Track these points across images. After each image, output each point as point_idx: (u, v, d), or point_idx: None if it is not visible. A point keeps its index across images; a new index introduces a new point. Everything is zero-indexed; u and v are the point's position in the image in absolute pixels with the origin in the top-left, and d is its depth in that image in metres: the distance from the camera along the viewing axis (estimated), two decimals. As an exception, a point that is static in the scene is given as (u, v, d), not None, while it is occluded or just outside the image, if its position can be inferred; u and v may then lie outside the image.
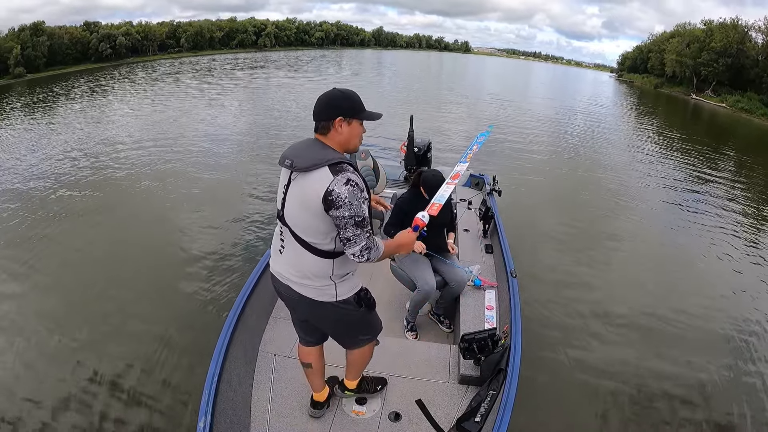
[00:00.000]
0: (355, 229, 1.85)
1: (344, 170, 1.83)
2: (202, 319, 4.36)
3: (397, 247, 2.17)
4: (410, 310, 3.55)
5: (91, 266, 5.51)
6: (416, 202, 3.20)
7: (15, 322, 4.41)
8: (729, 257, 6.55)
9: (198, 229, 6.42)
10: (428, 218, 2.31)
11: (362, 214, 1.84)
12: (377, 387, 2.77)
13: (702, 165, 12.62)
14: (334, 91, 1.94)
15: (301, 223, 1.94)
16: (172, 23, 69.41)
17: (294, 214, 1.96)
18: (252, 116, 16.52)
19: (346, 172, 1.83)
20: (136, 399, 3.43)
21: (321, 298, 2.06)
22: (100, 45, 52.04)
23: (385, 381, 2.83)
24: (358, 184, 1.83)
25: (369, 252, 1.91)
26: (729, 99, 34.78)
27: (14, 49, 38.28)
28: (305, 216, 1.91)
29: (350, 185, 1.80)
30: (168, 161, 10.00)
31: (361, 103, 1.94)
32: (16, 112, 17.96)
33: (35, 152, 10.89)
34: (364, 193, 1.86)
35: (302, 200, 1.89)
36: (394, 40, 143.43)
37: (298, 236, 1.97)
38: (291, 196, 1.95)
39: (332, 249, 1.97)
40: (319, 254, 1.96)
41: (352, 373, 2.63)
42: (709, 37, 40.23)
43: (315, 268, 2.00)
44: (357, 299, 2.14)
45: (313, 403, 2.60)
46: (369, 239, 1.90)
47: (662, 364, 4.07)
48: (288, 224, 1.99)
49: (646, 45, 59.75)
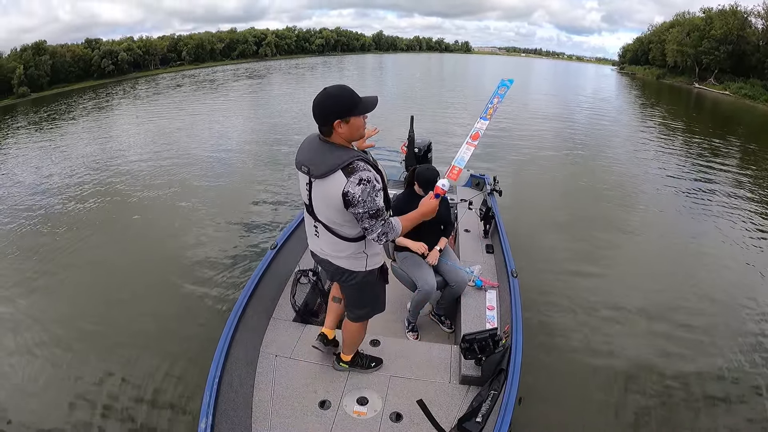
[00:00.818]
0: (371, 220, 2.08)
1: (356, 170, 2.01)
2: (202, 320, 4.41)
3: (421, 216, 2.33)
4: (411, 311, 3.56)
5: (94, 270, 5.63)
6: (412, 201, 3.22)
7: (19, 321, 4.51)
8: (738, 247, 6.52)
9: (199, 231, 6.51)
10: (448, 185, 2.37)
11: (375, 207, 2.05)
12: (371, 364, 2.95)
13: (707, 153, 12.54)
14: (324, 94, 2.02)
15: (330, 218, 2.20)
16: (172, 37, 69.84)
17: (322, 211, 2.21)
18: (255, 124, 16.62)
19: (358, 171, 2.01)
20: (137, 400, 3.47)
21: (354, 268, 2.39)
22: (102, 61, 52.47)
23: (380, 360, 2.97)
24: (370, 180, 2.00)
25: (386, 236, 2.16)
26: (732, 86, 34.57)
27: (17, 69, 38.67)
28: (331, 213, 2.15)
29: (362, 185, 1.98)
30: (172, 171, 10.09)
31: (353, 100, 2.02)
32: (22, 131, 18.16)
33: (41, 167, 11.04)
34: (377, 187, 2.03)
35: (326, 201, 2.12)
36: (395, 43, 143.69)
37: (329, 227, 2.24)
38: (315, 196, 2.19)
39: (361, 234, 2.25)
40: (349, 240, 2.27)
41: (347, 347, 2.87)
42: (709, 25, 39.95)
43: (348, 249, 2.31)
44: (380, 271, 2.48)
45: (321, 336, 2.95)
46: (384, 225, 2.13)
47: (666, 365, 4.03)
48: (319, 219, 2.25)
49: (646, 36, 59.50)
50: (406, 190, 3.56)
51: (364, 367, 2.92)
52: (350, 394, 2.75)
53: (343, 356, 2.90)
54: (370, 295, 2.57)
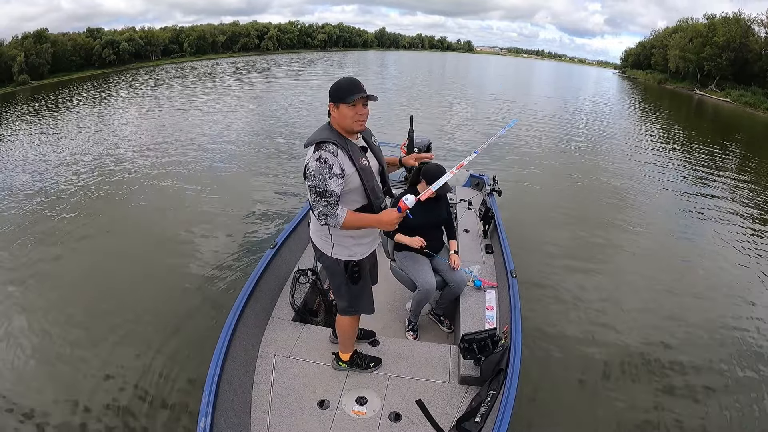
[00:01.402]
0: (315, 197, 2.20)
1: (322, 148, 2.19)
2: (201, 320, 4.39)
3: (377, 223, 2.33)
4: (412, 310, 3.55)
5: (92, 265, 5.59)
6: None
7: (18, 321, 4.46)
8: (736, 251, 6.54)
9: (199, 230, 6.46)
10: (413, 202, 2.31)
11: (322, 186, 2.16)
12: (370, 364, 2.95)
13: (706, 160, 12.57)
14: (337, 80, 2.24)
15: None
16: (174, 28, 69.75)
17: None
18: (257, 118, 16.60)
19: (323, 150, 2.18)
20: (136, 399, 3.45)
21: (322, 249, 2.52)
22: (103, 51, 52.30)
23: (379, 360, 2.97)
24: (327, 161, 2.15)
25: (325, 218, 2.22)
26: (733, 93, 34.54)
27: (18, 57, 38.51)
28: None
29: (319, 162, 2.15)
30: (170, 163, 10.08)
31: (346, 89, 2.18)
32: (21, 119, 18.08)
33: (43, 157, 10.98)
34: (333, 170, 2.16)
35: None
36: (397, 40, 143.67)
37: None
38: None
39: None
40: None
41: (341, 343, 2.91)
42: (712, 31, 39.96)
43: (316, 225, 2.45)
44: (345, 266, 2.50)
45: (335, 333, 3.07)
46: (326, 207, 2.20)
47: (666, 365, 4.05)
48: None
49: (648, 41, 59.55)
50: (409, 189, 3.51)
51: (363, 367, 2.92)
52: (349, 394, 2.75)
53: (341, 355, 2.91)
54: (344, 288, 2.59)
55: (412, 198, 2.31)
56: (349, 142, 2.27)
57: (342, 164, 2.19)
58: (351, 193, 2.30)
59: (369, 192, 2.31)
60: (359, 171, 2.25)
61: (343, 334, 2.84)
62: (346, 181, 2.23)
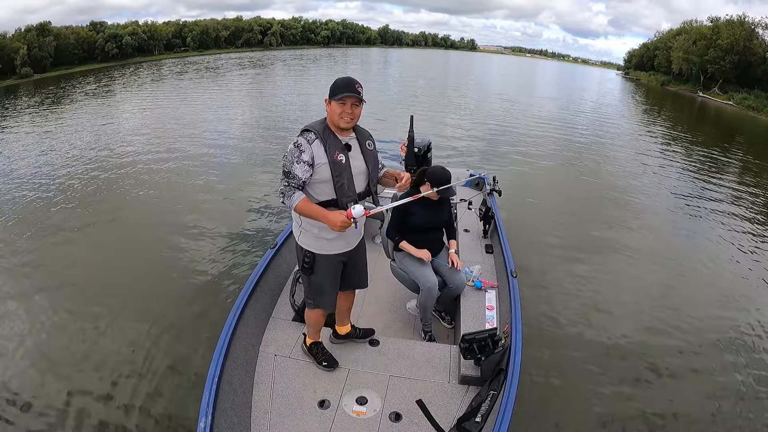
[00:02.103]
0: (282, 175, 2.36)
1: (301, 134, 2.36)
2: (201, 319, 4.38)
3: (324, 218, 2.34)
4: (422, 315, 3.48)
5: (91, 264, 5.56)
6: (416, 204, 3.17)
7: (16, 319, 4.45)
8: (735, 255, 6.53)
9: (199, 229, 6.44)
10: (360, 212, 2.30)
11: (288, 167, 2.31)
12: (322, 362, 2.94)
13: (708, 164, 12.54)
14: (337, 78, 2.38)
15: None
16: (177, 23, 69.72)
17: None
18: (260, 114, 16.63)
19: (302, 136, 2.35)
20: (136, 399, 3.44)
21: (294, 231, 2.65)
22: (106, 45, 52.33)
23: (335, 364, 2.96)
24: (299, 146, 2.31)
25: (283, 196, 2.36)
26: (736, 97, 34.45)
27: (21, 50, 38.49)
28: None
29: (293, 145, 2.33)
30: (172, 160, 10.07)
31: (338, 87, 2.30)
32: (24, 112, 18.09)
33: (43, 150, 11.00)
34: (302, 156, 2.29)
35: None
36: (400, 38, 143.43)
37: None
38: None
39: None
40: None
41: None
42: (716, 34, 39.84)
43: None
44: (303, 254, 2.59)
45: (335, 333, 3.18)
46: (286, 188, 2.34)
47: (666, 365, 4.06)
48: None
49: (652, 42, 59.39)
50: (411, 191, 3.42)
51: (317, 361, 2.95)
52: (349, 394, 2.75)
53: (307, 339, 3.02)
54: (303, 277, 2.71)
55: (359, 208, 2.31)
56: (332, 135, 2.38)
57: (314, 153, 2.32)
58: (320, 184, 2.39)
59: (337, 188, 2.38)
60: (330, 164, 2.34)
61: (307, 321, 2.94)
62: (315, 170, 2.34)
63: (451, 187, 3.21)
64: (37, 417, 3.28)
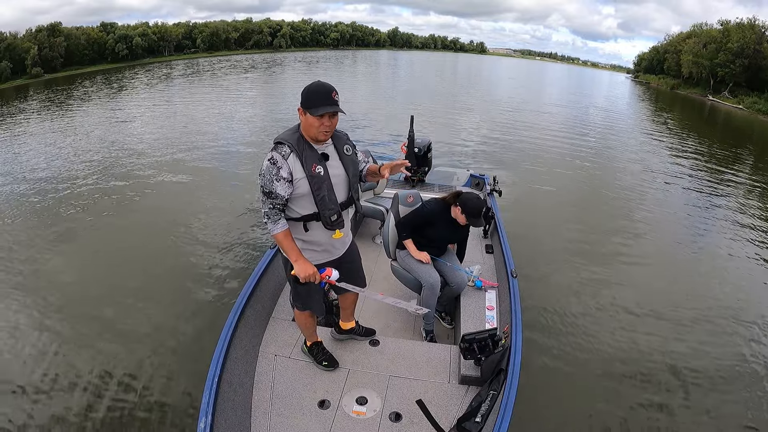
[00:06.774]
0: (262, 196, 2.23)
1: (275, 149, 2.20)
2: (201, 319, 4.39)
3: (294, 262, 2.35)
4: (424, 315, 3.44)
5: (91, 262, 5.61)
6: (442, 220, 3.37)
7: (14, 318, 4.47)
8: (743, 260, 6.46)
9: (200, 229, 6.47)
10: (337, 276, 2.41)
11: (269, 187, 2.18)
12: (322, 362, 2.92)
13: (718, 167, 12.43)
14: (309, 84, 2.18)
15: None
16: (187, 24, 70.20)
17: None
18: (266, 116, 16.71)
19: (275, 151, 2.19)
20: (136, 398, 3.45)
21: None
22: (116, 45, 52.73)
23: (335, 364, 2.95)
24: (275, 163, 2.16)
25: (267, 220, 2.26)
26: (746, 100, 34.10)
27: (31, 50, 38.91)
28: None
29: (268, 161, 2.17)
30: (177, 161, 10.15)
31: (314, 99, 2.12)
32: (35, 112, 18.29)
33: (52, 150, 11.11)
34: (280, 173, 2.16)
35: None
36: (410, 40, 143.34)
37: None
38: None
39: None
40: None
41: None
42: (726, 37, 39.47)
43: None
44: (287, 262, 2.46)
45: (338, 328, 3.17)
46: (271, 210, 2.23)
47: (667, 366, 4.04)
48: None
49: (662, 46, 58.91)
50: (442, 205, 3.48)
51: (317, 361, 2.94)
52: (349, 394, 2.75)
53: (306, 341, 3.00)
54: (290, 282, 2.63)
55: (336, 273, 2.39)
56: (307, 147, 2.23)
57: (291, 168, 2.18)
58: (300, 199, 2.28)
59: (318, 201, 2.28)
60: (308, 178, 2.22)
61: (298, 324, 2.93)
62: (295, 185, 2.22)
63: (480, 220, 3.31)
64: (37, 417, 3.30)
